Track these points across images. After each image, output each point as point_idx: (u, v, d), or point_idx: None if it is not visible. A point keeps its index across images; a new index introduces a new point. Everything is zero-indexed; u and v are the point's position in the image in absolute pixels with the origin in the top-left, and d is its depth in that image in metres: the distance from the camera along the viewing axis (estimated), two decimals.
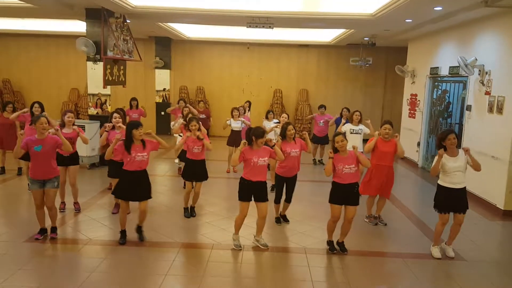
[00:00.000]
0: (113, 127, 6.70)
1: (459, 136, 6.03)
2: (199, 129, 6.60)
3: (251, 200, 5.55)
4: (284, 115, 8.84)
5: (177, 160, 9.59)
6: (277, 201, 6.63)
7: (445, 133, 5.40)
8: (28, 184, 5.59)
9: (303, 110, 15.60)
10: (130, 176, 5.54)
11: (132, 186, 5.56)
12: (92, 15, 9.68)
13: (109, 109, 10.44)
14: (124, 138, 5.55)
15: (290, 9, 9.55)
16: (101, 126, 10.05)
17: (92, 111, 10.54)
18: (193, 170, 6.72)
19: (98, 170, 10.02)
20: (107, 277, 4.82)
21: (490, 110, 8.06)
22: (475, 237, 6.41)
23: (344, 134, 5.59)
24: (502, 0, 6.91)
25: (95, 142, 10.02)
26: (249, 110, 11.94)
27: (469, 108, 8.96)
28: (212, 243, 5.97)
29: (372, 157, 6.57)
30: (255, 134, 5.43)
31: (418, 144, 11.57)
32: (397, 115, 13.78)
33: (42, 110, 7.86)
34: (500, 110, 7.74)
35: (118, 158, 5.80)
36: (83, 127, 9.65)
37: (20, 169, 9.22)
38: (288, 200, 6.65)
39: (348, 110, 10.38)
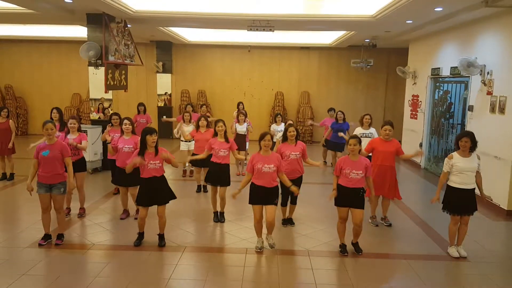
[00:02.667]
0: (122, 133, 6.74)
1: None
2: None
3: (261, 203, 5.58)
4: (290, 121, 8.78)
5: (187, 164, 9.60)
6: (283, 203, 6.64)
7: (461, 134, 5.61)
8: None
9: (305, 112, 15.60)
10: (146, 183, 5.59)
11: (149, 193, 5.60)
12: (93, 20, 9.72)
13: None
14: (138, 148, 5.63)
15: (290, 12, 9.57)
16: (103, 130, 10.09)
17: (94, 116, 10.56)
18: (218, 175, 6.70)
19: (100, 174, 10.04)
20: (111, 282, 4.83)
21: (492, 110, 8.04)
22: (479, 238, 6.39)
23: (359, 138, 5.59)
24: (502, 0, 6.90)
25: (98, 147, 10.05)
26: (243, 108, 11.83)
27: (471, 108, 8.95)
28: (215, 246, 5.98)
29: (373, 158, 6.62)
30: (259, 137, 5.57)
31: (420, 145, 11.54)
32: (399, 116, 13.77)
33: (61, 116, 7.86)
34: (502, 110, 7.73)
35: (124, 164, 5.98)
36: (85, 132, 9.65)
37: (4, 174, 9.27)
38: (293, 201, 6.65)
39: (343, 113, 10.43)
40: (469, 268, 5.40)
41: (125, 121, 6.70)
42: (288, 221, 6.78)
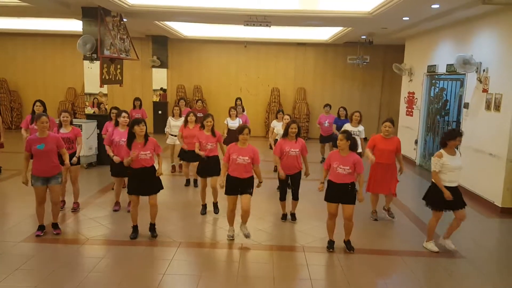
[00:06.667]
0: (117, 124, 6.83)
1: None
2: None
3: (236, 194, 5.69)
4: (286, 116, 8.72)
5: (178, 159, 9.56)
6: (281, 198, 6.67)
7: (455, 133, 5.48)
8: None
9: (301, 109, 15.60)
10: (136, 173, 5.64)
11: (140, 182, 5.65)
12: (89, 14, 9.64)
13: (108, 107, 10.40)
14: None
15: (287, 7, 9.53)
16: (98, 125, 10.04)
17: (89, 110, 10.50)
18: (207, 167, 6.76)
19: (95, 169, 9.98)
20: (105, 277, 4.81)
21: (488, 107, 8.07)
22: (473, 235, 6.43)
23: (349, 134, 5.47)
24: None
25: (92, 142, 9.99)
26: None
27: (466, 105, 8.97)
28: (210, 241, 5.97)
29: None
30: (237, 130, 5.72)
31: (416, 142, 11.58)
32: (394, 113, 13.79)
33: (44, 109, 7.81)
34: (497, 108, 7.75)
35: (121, 157, 6.05)
36: (80, 126, 9.60)
37: None
38: (295, 197, 6.67)
39: (345, 109, 10.36)
40: (463, 265, 5.42)
41: (123, 113, 6.76)
42: (291, 216, 6.79)
